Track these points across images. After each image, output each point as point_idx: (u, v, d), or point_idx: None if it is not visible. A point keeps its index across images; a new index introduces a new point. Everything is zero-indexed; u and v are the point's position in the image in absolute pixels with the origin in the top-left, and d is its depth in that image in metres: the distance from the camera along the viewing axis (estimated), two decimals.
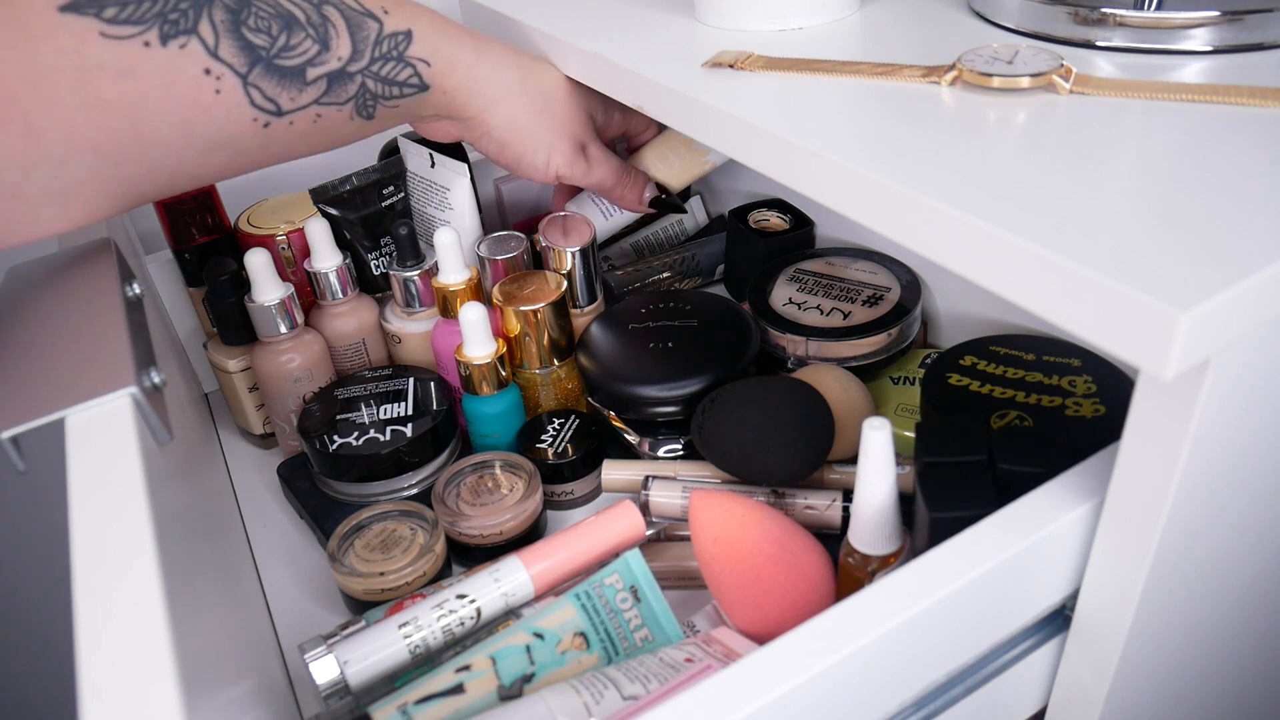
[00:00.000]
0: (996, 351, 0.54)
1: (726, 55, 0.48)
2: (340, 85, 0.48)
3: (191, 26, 0.42)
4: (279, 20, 0.45)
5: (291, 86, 0.46)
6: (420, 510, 0.57)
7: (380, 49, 0.49)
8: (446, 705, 0.41)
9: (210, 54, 0.43)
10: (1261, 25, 0.42)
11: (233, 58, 0.44)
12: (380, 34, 0.49)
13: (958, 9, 0.53)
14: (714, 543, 0.47)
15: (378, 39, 0.49)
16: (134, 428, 0.34)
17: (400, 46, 0.50)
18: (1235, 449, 0.34)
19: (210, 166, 0.47)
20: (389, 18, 0.50)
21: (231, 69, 0.44)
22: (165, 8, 0.42)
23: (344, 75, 0.48)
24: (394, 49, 0.50)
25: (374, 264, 0.70)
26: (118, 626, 0.27)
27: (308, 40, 0.46)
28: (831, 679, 0.32)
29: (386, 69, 0.50)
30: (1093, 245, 0.30)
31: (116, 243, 0.49)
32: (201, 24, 0.43)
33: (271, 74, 0.45)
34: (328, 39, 0.47)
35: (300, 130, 0.48)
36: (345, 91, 0.49)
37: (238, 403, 0.68)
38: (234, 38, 0.44)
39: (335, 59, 0.48)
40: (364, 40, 0.49)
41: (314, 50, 0.46)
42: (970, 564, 0.34)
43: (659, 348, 0.63)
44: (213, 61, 0.43)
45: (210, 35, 0.43)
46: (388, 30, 0.50)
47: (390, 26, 0.50)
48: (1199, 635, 0.42)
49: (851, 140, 0.39)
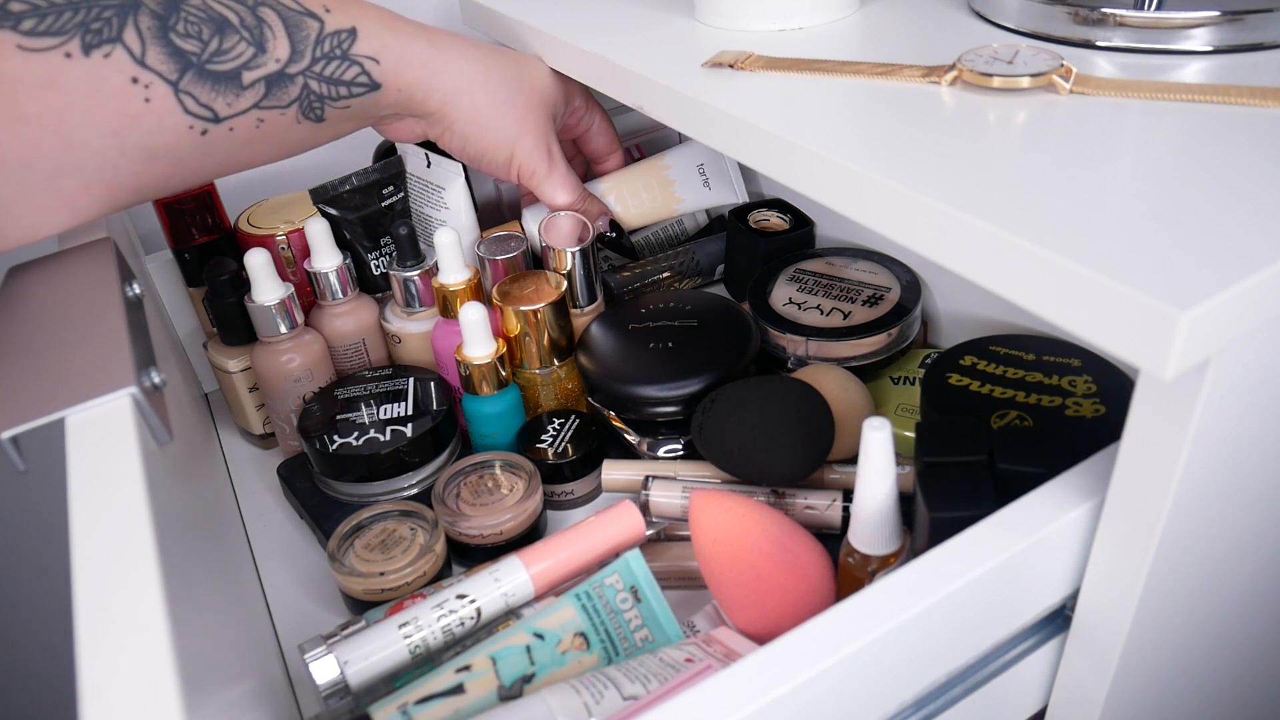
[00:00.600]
0: (996, 351, 0.54)
1: (726, 55, 0.48)
2: (280, 88, 0.47)
3: (116, 35, 0.41)
4: (210, 24, 0.44)
5: (227, 91, 0.45)
6: (420, 510, 0.57)
7: (322, 48, 0.48)
8: (447, 705, 0.41)
9: (137, 62, 0.42)
10: (1261, 25, 0.42)
11: (161, 65, 0.43)
12: (321, 33, 0.48)
13: (958, 9, 0.53)
14: (714, 543, 0.47)
15: (319, 38, 0.48)
16: (134, 428, 0.34)
17: (344, 45, 0.49)
18: (1235, 449, 0.34)
19: (151, 178, 0.45)
20: (330, 16, 0.48)
21: (160, 76, 0.43)
22: (87, 17, 0.40)
23: (283, 77, 0.47)
24: (337, 47, 0.48)
25: (374, 264, 0.70)
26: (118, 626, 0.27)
27: (241, 43, 0.45)
28: (831, 679, 0.32)
29: (330, 68, 0.48)
30: (1093, 245, 0.30)
31: (116, 243, 0.49)
32: (126, 32, 0.41)
33: (204, 79, 0.44)
34: (263, 41, 0.45)
35: (243, 137, 0.47)
36: (286, 94, 0.47)
37: (238, 403, 0.68)
38: (162, 44, 0.42)
39: (273, 60, 0.46)
40: (303, 40, 0.47)
41: (249, 53, 0.45)
42: (970, 564, 0.34)
43: (659, 348, 0.63)
44: (140, 70, 0.42)
45: (136, 43, 0.42)
46: (329, 29, 0.48)
47: (332, 25, 0.48)
48: (1199, 635, 0.42)
49: (851, 140, 0.39)
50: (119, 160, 0.43)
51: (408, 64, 0.52)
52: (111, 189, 0.44)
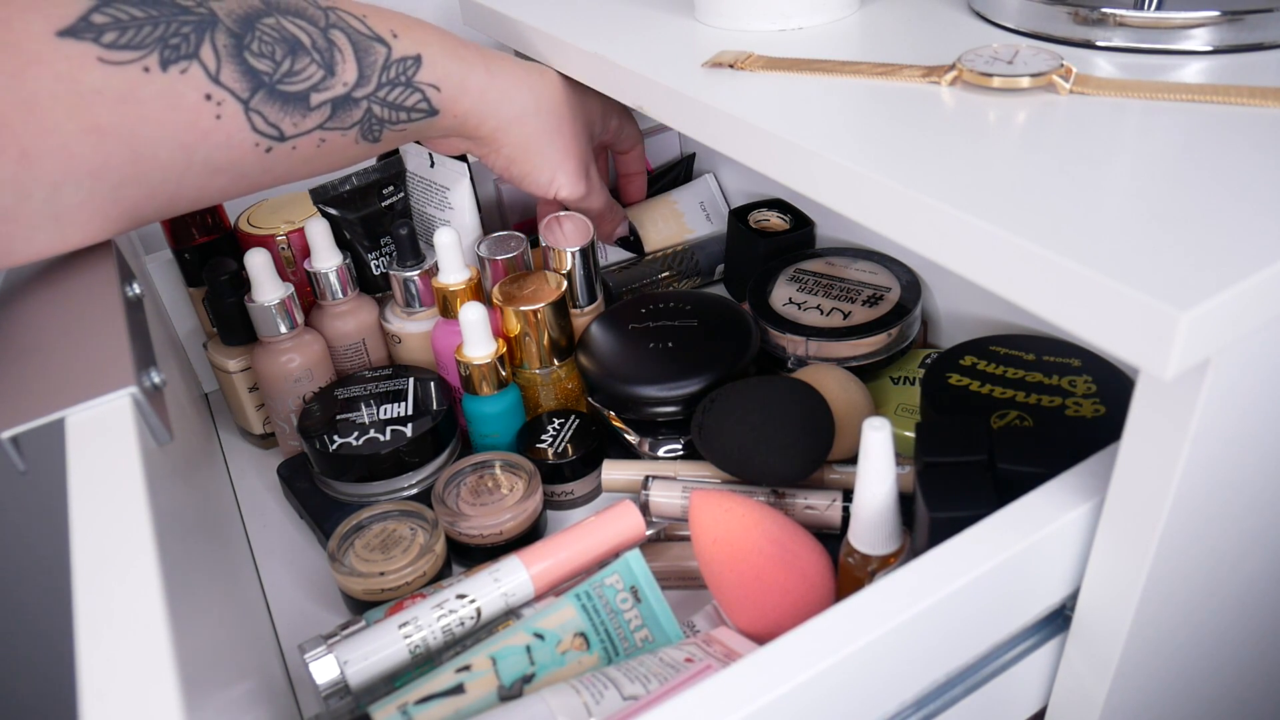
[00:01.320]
0: (996, 351, 0.54)
1: (726, 55, 0.48)
2: (345, 110, 0.48)
3: (193, 51, 0.42)
4: (284, 45, 0.44)
5: (295, 112, 0.46)
6: (420, 510, 0.57)
7: (388, 74, 0.48)
8: (447, 705, 0.41)
9: (212, 79, 0.42)
10: (1261, 25, 0.42)
11: (234, 83, 0.43)
12: (388, 59, 0.48)
13: (958, 9, 0.53)
14: (714, 543, 0.47)
15: (385, 64, 0.48)
16: (134, 428, 0.34)
17: (409, 72, 0.49)
18: (1235, 449, 0.34)
19: (211, 190, 0.46)
20: (398, 42, 0.49)
21: (233, 94, 0.43)
22: (166, 32, 0.41)
23: (349, 100, 0.48)
24: (402, 74, 0.49)
25: (374, 264, 0.70)
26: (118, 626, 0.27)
27: (312, 65, 0.45)
28: (831, 679, 0.32)
29: (394, 94, 0.49)
30: (1093, 245, 0.30)
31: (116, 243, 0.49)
32: (203, 49, 0.42)
33: (274, 99, 0.45)
34: (333, 64, 0.46)
35: (303, 154, 0.48)
36: (350, 117, 0.48)
37: (238, 403, 0.68)
38: (236, 63, 0.43)
39: (341, 84, 0.47)
40: (371, 65, 0.48)
41: (319, 75, 0.46)
42: (970, 564, 0.34)
43: (659, 348, 0.63)
44: (214, 87, 0.43)
45: (212, 60, 0.42)
46: (396, 55, 0.49)
47: (399, 51, 0.49)
48: (1199, 635, 0.42)
49: (851, 140, 0.39)
50: (184, 173, 0.44)
51: (466, 92, 0.53)
52: (173, 199, 0.45)
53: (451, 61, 0.52)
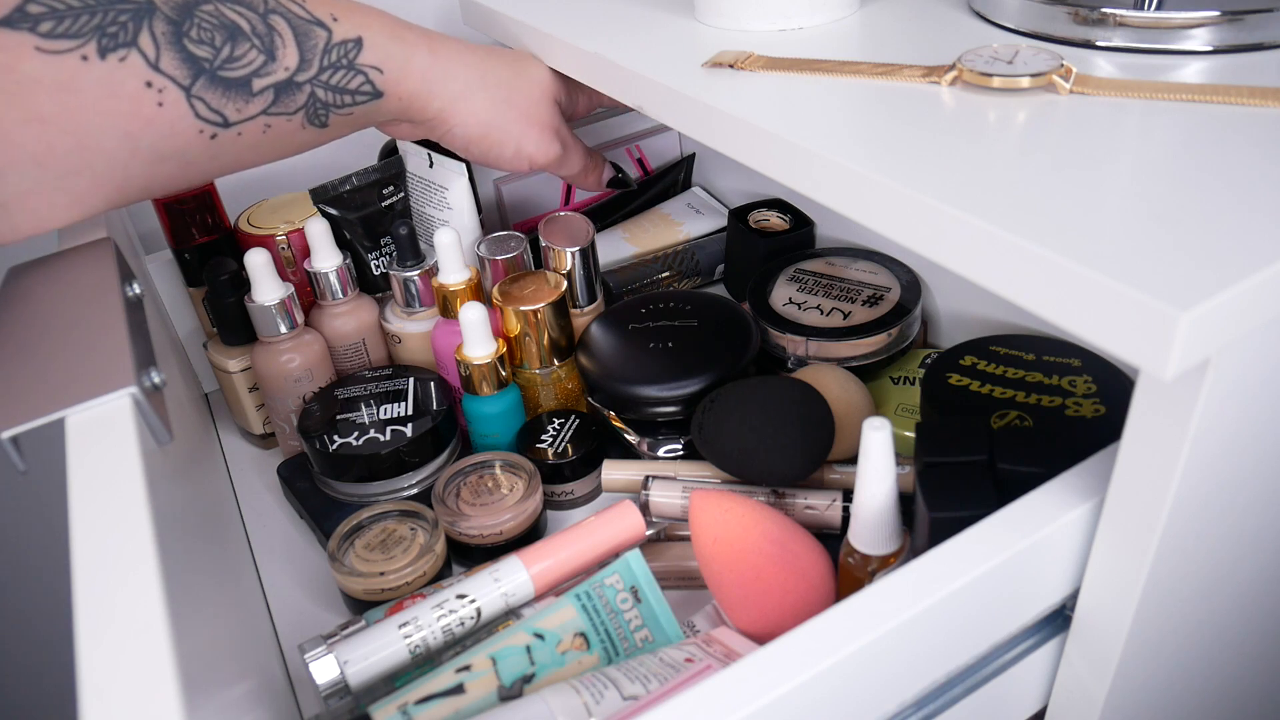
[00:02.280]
0: (996, 351, 0.54)
1: (726, 55, 0.48)
2: (288, 95, 0.48)
3: (131, 39, 0.42)
4: (223, 31, 0.44)
5: (237, 98, 0.46)
6: (420, 510, 0.57)
7: (329, 58, 0.48)
8: (447, 705, 0.41)
9: (151, 66, 0.42)
10: (1261, 25, 0.42)
11: (175, 70, 0.43)
12: (329, 42, 0.48)
13: (958, 9, 0.53)
14: (714, 543, 0.47)
15: (326, 47, 0.48)
16: (134, 428, 0.34)
17: (350, 54, 0.49)
18: (1235, 449, 0.34)
19: (159, 178, 0.46)
20: (338, 25, 0.49)
21: (174, 81, 0.43)
22: (104, 20, 0.41)
23: (292, 85, 0.48)
24: (344, 57, 0.49)
25: (374, 264, 0.70)
26: (118, 626, 0.27)
27: (253, 50, 0.45)
28: (831, 679, 0.32)
29: (337, 78, 0.49)
30: (1093, 245, 0.30)
31: (116, 243, 0.49)
32: (142, 36, 0.42)
33: (216, 85, 0.45)
34: (274, 49, 0.46)
35: (250, 141, 0.48)
36: (294, 101, 0.48)
37: (238, 403, 0.68)
38: (176, 50, 0.43)
39: (282, 69, 0.47)
40: (312, 49, 0.48)
41: (260, 61, 0.46)
42: (970, 564, 0.34)
43: (659, 348, 0.63)
44: (154, 74, 0.43)
45: (151, 47, 0.42)
46: (337, 38, 0.49)
47: (339, 34, 0.49)
48: (1199, 635, 0.42)
49: (851, 140, 0.39)
50: (130, 161, 0.44)
51: (409, 74, 0.52)
52: (121, 187, 0.45)
53: (393, 43, 0.52)
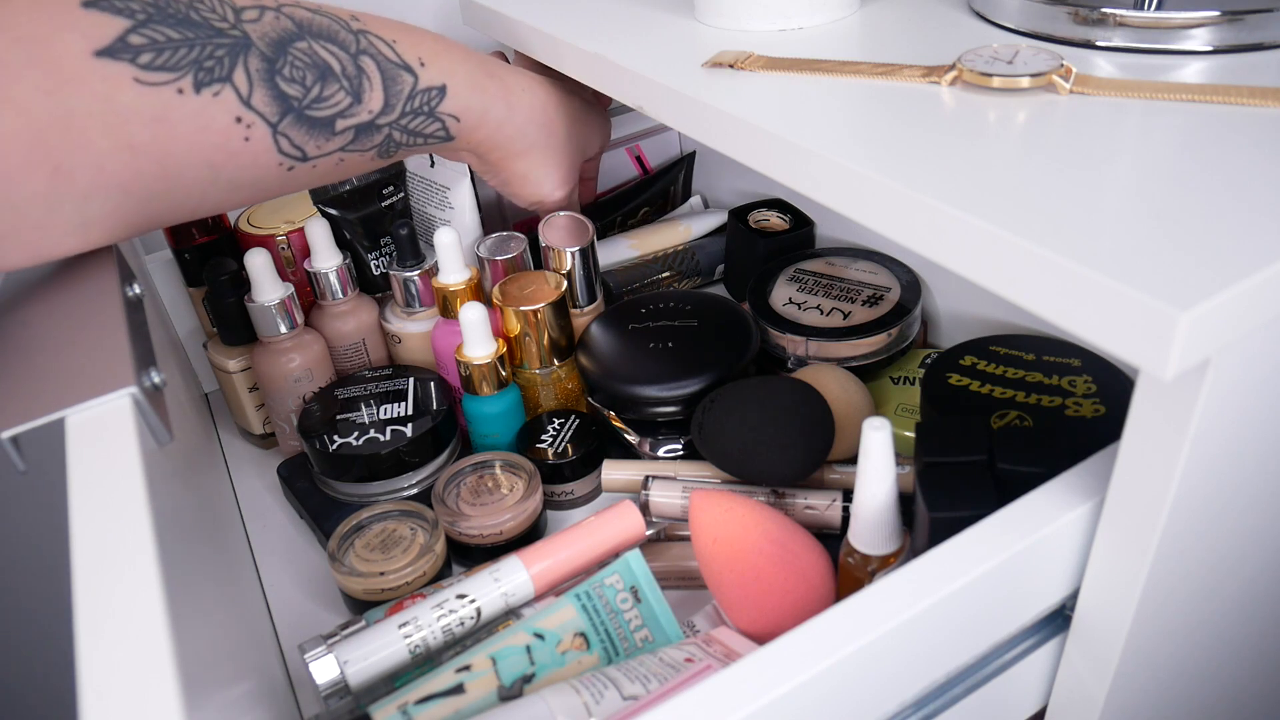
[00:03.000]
0: (996, 351, 0.54)
1: (726, 55, 0.48)
2: (367, 136, 0.49)
3: (226, 74, 0.42)
4: (314, 70, 0.45)
5: (319, 136, 0.46)
6: (420, 510, 0.57)
7: (412, 104, 0.49)
8: (447, 705, 0.41)
9: (243, 102, 0.43)
10: (1261, 25, 0.42)
11: (265, 106, 0.44)
12: (414, 89, 0.49)
13: (958, 9, 0.53)
14: (714, 543, 0.47)
15: (411, 94, 0.49)
16: (134, 428, 0.34)
17: (433, 102, 0.50)
18: (1235, 449, 0.34)
19: (231, 202, 0.47)
20: (425, 71, 0.50)
21: (263, 118, 0.44)
22: (201, 55, 0.41)
23: (372, 127, 0.49)
24: (426, 104, 0.50)
25: (374, 264, 0.70)
26: (118, 626, 0.27)
27: (341, 92, 0.46)
28: (831, 679, 0.32)
29: (415, 123, 0.50)
30: (1093, 245, 0.30)
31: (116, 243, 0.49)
32: (236, 72, 0.43)
33: (301, 124, 0.45)
34: (361, 92, 0.47)
35: (322, 171, 0.49)
36: (371, 141, 0.49)
37: (237, 403, 0.68)
38: (268, 87, 0.44)
39: (366, 112, 0.48)
40: (396, 95, 0.49)
41: (346, 102, 0.47)
42: (970, 564, 0.34)
43: (659, 348, 0.63)
44: (244, 110, 0.43)
45: (245, 83, 0.43)
46: (422, 85, 0.50)
47: (425, 80, 0.50)
48: (1199, 635, 0.42)
49: (851, 140, 0.39)
50: (209, 189, 0.45)
51: (483, 124, 0.54)
52: (195, 210, 0.46)
53: (474, 94, 0.53)
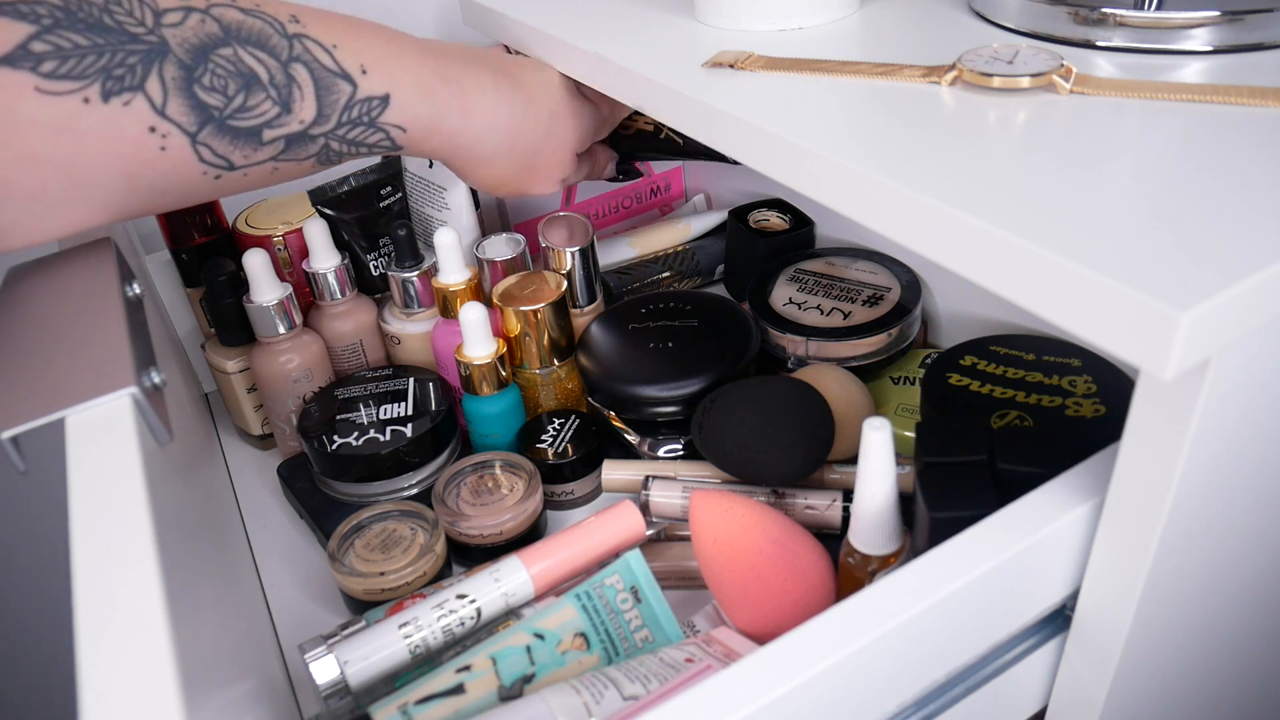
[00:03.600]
0: (996, 351, 0.54)
1: (726, 55, 0.48)
2: (300, 146, 0.45)
3: (138, 83, 0.40)
4: (238, 79, 0.42)
5: (245, 146, 0.43)
6: (420, 510, 0.57)
7: (349, 114, 0.46)
8: (447, 705, 0.41)
9: (157, 112, 0.41)
10: (1261, 25, 0.42)
11: (181, 116, 0.41)
12: (352, 98, 0.46)
13: (958, 9, 0.53)
14: (714, 543, 0.47)
15: (348, 104, 0.45)
16: (134, 428, 0.34)
17: (374, 112, 0.46)
18: (1235, 449, 0.34)
19: (159, 206, 0.45)
20: (366, 79, 0.46)
21: (180, 127, 0.41)
22: (110, 62, 0.39)
23: (305, 137, 0.45)
24: (365, 114, 0.46)
25: (372, 265, 0.70)
26: (118, 626, 0.27)
27: (267, 101, 0.43)
28: (831, 679, 0.32)
29: (355, 133, 0.46)
30: (1093, 245, 0.30)
31: (116, 243, 0.49)
32: (150, 81, 0.40)
33: (223, 134, 0.43)
34: (290, 102, 0.44)
35: (255, 178, 0.46)
36: (305, 151, 0.46)
37: (236, 404, 0.68)
38: (185, 96, 0.41)
39: (297, 122, 0.44)
40: (332, 105, 0.45)
41: (273, 112, 0.43)
42: (970, 564, 0.34)
43: (659, 348, 0.63)
44: (159, 119, 0.41)
45: (159, 92, 0.40)
46: (362, 94, 0.46)
47: (366, 89, 0.46)
48: (1199, 635, 0.42)
49: (851, 140, 0.39)
50: (128, 196, 0.43)
51: (435, 134, 0.50)
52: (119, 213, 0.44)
53: (423, 103, 0.48)
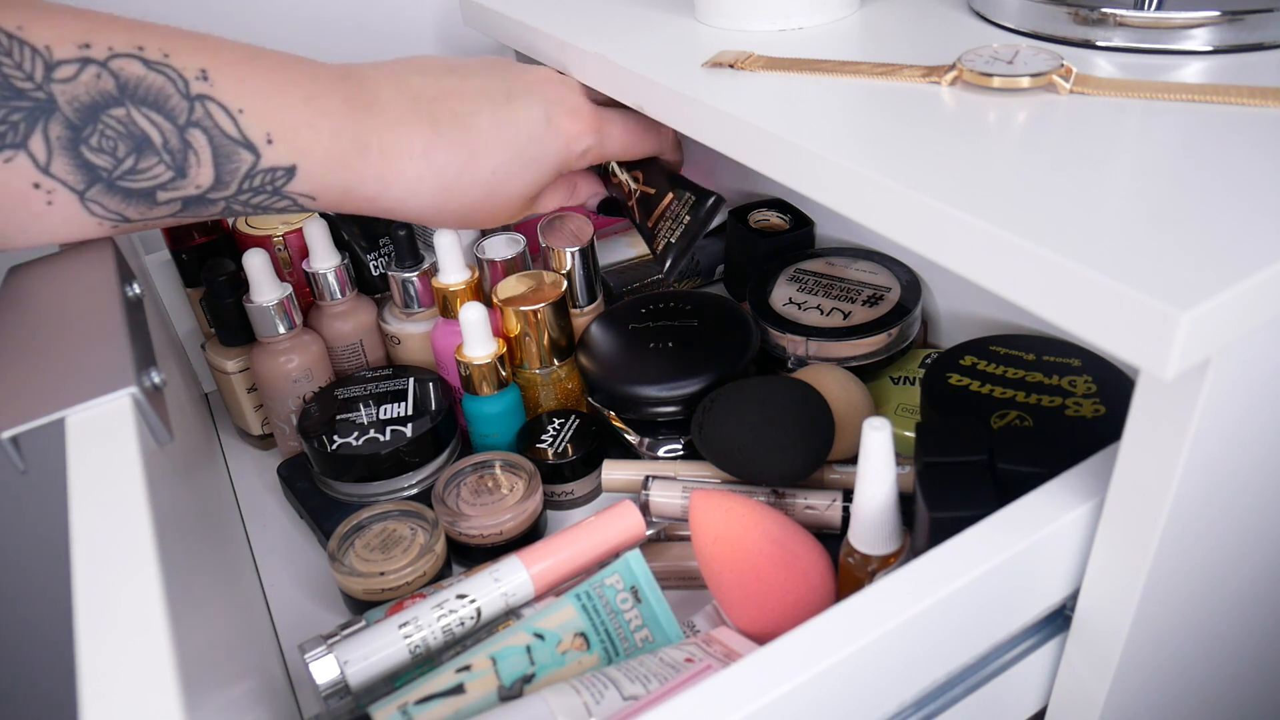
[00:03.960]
0: (996, 351, 0.54)
1: (726, 55, 0.48)
2: (199, 207, 0.43)
3: (21, 141, 0.39)
4: (128, 140, 0.40)
5: (138, 205, 0.42)
6: (420, 510, 0.57)
7: (251, 182, 0.43)
8: (447, 705, 0.41)
9: (40, 170, 0.39)
10: (1261, 25, 0.42)
11: (67, 175, 0.40)
12: (254, 168, 0.42)
13: (958, 9, 0.53)
14: (714, 543, 0.47)
15: (250, 173, 0.42)
16: (134, 428, 0.34)
17: (278, 182, 0.43)
18: (1235, 449, 0.34)
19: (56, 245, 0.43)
20: (271, 149, 0.42)
21: (66, 185, 0.40)
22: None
23: (203, 200, 0.43)
24: (269, 183, 0.43)
25: (372, 265, 0.70)
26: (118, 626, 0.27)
27: (159, 165, 0.41)
28: (831, 679, 0.32)
29: (259, 199, 0.44)
30: (1093, 245, 0.30)
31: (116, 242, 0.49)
32: (33, 139, 0.39)
33: (114, 193, 0.41)
34: (184, 167, 0.41)
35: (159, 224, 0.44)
36: (206, 210, 0.43)
37: (236, 404, 0.68)
38: (70, 156, 0.40)
39: (193, 186, 0.42)
40: (231, 173, 0.42)
41: (166, 176, 0.41)
42: (970, 564, 0.34)
43: (659, 348, 0.63)
44: (43, 177, 0.40)
45: (42, 151, 0.39)
46: (265, 164, 0.43)
47: (270, 160, 0.43)
48: (1199, 635, 0.42)
49: (851, 140, 0.39)
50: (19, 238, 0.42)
51: (349, 200, 0.46)
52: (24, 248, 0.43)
53: (335, 173, 0.44)
